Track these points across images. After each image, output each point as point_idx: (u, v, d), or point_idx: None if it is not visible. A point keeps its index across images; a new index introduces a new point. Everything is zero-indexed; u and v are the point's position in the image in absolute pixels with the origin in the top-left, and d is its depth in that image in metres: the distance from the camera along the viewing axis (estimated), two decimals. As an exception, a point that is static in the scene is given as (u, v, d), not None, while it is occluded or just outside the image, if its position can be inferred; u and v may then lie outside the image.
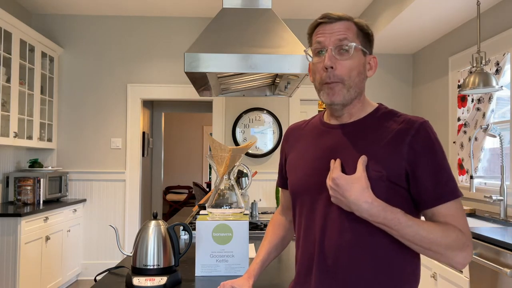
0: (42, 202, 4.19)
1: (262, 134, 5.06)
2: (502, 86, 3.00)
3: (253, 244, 2.13)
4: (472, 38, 3.85)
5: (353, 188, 1.04)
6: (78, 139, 4.96)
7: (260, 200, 4.03)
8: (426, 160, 1.08)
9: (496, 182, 3.43)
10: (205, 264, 1.57)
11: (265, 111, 5.05)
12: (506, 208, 3.03)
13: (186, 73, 2.34)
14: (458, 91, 3.48)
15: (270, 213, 3.28)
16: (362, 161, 1.08)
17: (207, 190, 7.88)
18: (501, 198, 3.01)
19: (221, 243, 1.58)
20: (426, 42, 4.68)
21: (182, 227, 2.13)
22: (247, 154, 4.98)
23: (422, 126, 1.10)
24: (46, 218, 3.91)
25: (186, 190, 9.45)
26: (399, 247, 1.09)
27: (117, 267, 1.66)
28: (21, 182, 4.13)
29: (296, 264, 1.24)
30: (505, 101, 3.43)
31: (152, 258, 1.43)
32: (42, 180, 4.20)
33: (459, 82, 3.97)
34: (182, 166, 9.78)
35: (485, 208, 3.50)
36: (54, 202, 4.32)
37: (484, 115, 3.47)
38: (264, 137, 5.05)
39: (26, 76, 4.22)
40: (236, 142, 5.00)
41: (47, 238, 3.92)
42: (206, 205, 1.65)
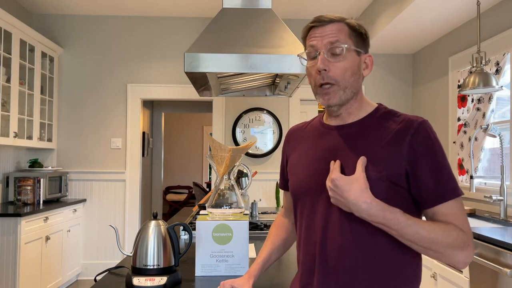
0: (42, 202, 4.19)
1: (262, 134, 5.06)
2: (502, 86, 3.00)
3: (253, 244, 2.13)
4: (472, 38, 3.85)
5: (352, 188, 1.05)
6: (78, 139, 4.96)
7: (260, 200, 4.04)
8: (426, 159, 1.08)
9: (496, 182, 3.44)
10: (205, 264, 1.57)
11: (265, 111, 5.05)
12: (506, 208, 3.03)
13: (186, 73, 2.34)
14: (458, 91, 3.48)
15: (270, 213, 3.28)
16: (362, 162, 1.08)
17: (207, 190, 7.89)
18: (501, 198, 3.01)
19: (221, 243, 1.58)
20: (426, 42, 4.68)
21: (182, 227, 2.13)
22: (247, 154, 4.98)
23: (421, 125, 1.10)
24: (46, 218, 3.91)
25: (186, 190, 9.45)
26: (400, 247, 1.09)
27: (117, 267, 1.66)
28: (21, 182, 4.13)
29: (298, 263, 1.25)
30: (505, 101, 3.43)
31: (152, 258, 1.43)
32: (42, 180, 4.20)
33: (459, 82, 3.97)
34: (182, 166, 9.79)
35: (485, 208, 3.50)
36: (54, 202, 4.32)
37: (484, 115, 3.47)
38: (264, 137, 5.05)
39: (26, 76, 4.22)
40: (236, 142, 5.00)
41: (47, 238, 3.92)
42: (206, 205, 1.65)
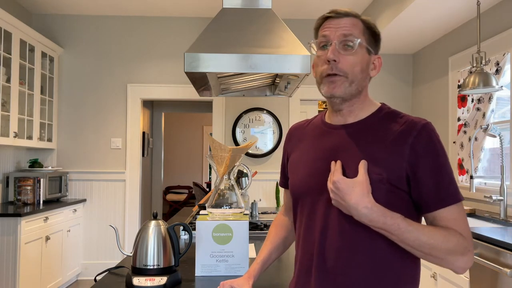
0: (42, 202, 4.19)
1: (262, 134, 5.06)
2: (502, 86, 3.00)
3: (253, 244, 2.13)
4: (472, 38, 3.85)
5: (353, 192, 1.03)
6: (78, 139, 4.96)
7: (260, 200, 4.04)
8: (427, 162, 1.06)
9: (496, 182, 3.44)
10: (205, 264, 1.57)
11: (265, 111, 5.05)
12: (506, 208, 3.03)
13: (186, 73, 2.34)
14: (458, 91, 3.48)
15: (270, 213, 3.28)
16: (364, 164, 1.07)
17: (207, 190, 7.88)
18: (501, 198, 3.01)
19: (221, 243, 1.58)
20: (426, 42, 4.68)
21: (182, 227, 2.13)
22: (247, 154, 4.98)
23: (424, 127, 1.08)
24: (46, 218, 3.91)
25: (186, 190, 9.45)
26: (399, 251, 1.08)
27: (117, 267, 1.66)
28: (21, 182, 4.13)
29: (295, 263, 1.24)
30: (505, 101, 3.43)
31: (152, 258, 1.43)
32: (42, 180, 4.20)
33: (459, 82, 3.97)
34: (182, 166, 9.79)
35: (485, 208, 3.50)
36: (54, 202, 4.32)
37: (484, 115, 3.47)
38: (264, 137, 5.05)
39: (26, 76, 4.22)
40: (236, 142, 5.00)
41: (47, 238, 3.92)
42: (206, 205, 1.65)
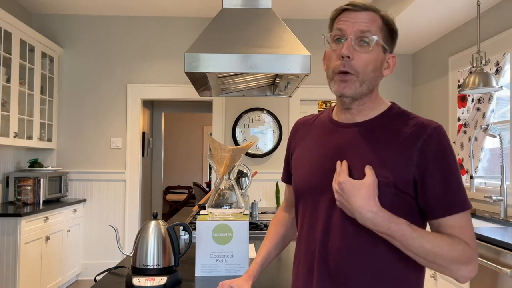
0: (42, 202, 4.19)
1: (262, 134, 5.06)
2: (502, 86, 3.00)
3: (253, 244, 2.13)
4: (472, 38, 3.85)
5: (359, 194, 1.00)
6: (78, 139, 4.96)
7: (260, 200, 4.04)
8: (436, 167, 1.02)
9: (496, 182, 3.43)
10: (205, 264, 1.57)
11: (265, 111, 5.05)
12: (506, 208, 3.03)
13: (186, 73, 2.34)
14: (458, 91, 3.48)
15: (270, 213, 3.28)
16: (371, 167, 1.03)
17: (207, 190, 7.89)
18: (501, 198, 3.01)
19: (221, 243, 1.58)
20: (426, 42, 4.68)
21: (182, 227, 2.13)
22: (247, 154, 4.98)
23: (435, 131, 1.04)
24: (46, 218, 3.91)
25: (186, 190, 9.45)
26: (403, 255, 1.04)
27: (117, 267, 1.66)
28: (21, 182, 4.13)
29: (295, 262, 1.22)
30: (505, 101, 3.43)
31: (152, 258, 1.43)
32: (42, 180, 4.20)
33: (459, 82, 3.97)
34: (182, 166, 9.79)
35: (485, 208, 3.50)
36: (54, 202, 4.32)
37: (484, 115, 3.47)
38: (264, 137, 5.05)
39: (26, 76, 4.22)
40: (236, 142, 5.00)
41: (47, 238, 3.92)
42: (206, 205, 1.65)
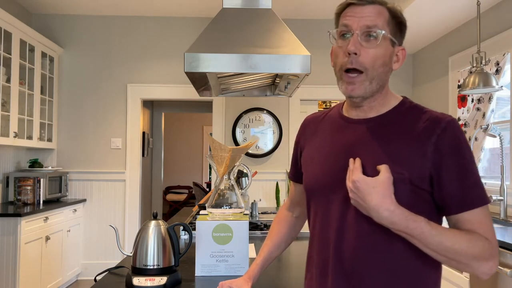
0: (42, 202, 4.19)
1: (262, 134, 5.06)
2: (502, 86, 3.00)
3: (253, 244, 2.13)
4: (472, 38, 3.85)
5: (374, 193, 0.96)
6: (78, 139, 4.96)
7: (260, 200, 4.03)
8: (452, 162, 0.99)
9: (496, 182, 3.43)
10: (205, 264, 1.57)
11: (265, 111, 5.05)
12: (506, 208, 3.03)
13: (186, 73, 2.33)
14: (458, 91, 3.48)
15: (270, 213, 3.28)
16: (386, 165, 1.00)
17: (207, 190, 7.88)
18: (501, 198, 3.01)
19: (221, 243, 1.58)
20: (426, 42, 4.68)
21: (182, 227, 2.13)
22: (247, 154, 4.98)
23: (449, 124, 1.02)
24: (46, 218, 3.91)
25: (186, 190, 9.45)
26: (420, 253, 1.01)
27: (117, 267, 1.66)
28: (21, 182, 4.13)
29: (309, 262, 1.19)
30: (505, 101, 3.43)
31: (152, 258, 1.43)
32: (42, 180, 4.20)
33: (459, 82, 3.97)
34: (182, 166, 9.78)
35: (485, 208, 3.50)
36: (54, 202, 4.32)
37: (484, 115, 3.47)
38: (264, 137, 5.05)
39: (26, 76, 4.22)
40: (236, 142, 5.00)
41: (47, 238, 3.92)
42: (206, 205, 1.65)
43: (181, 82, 4.99)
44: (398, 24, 1.08)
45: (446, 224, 1.06)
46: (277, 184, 4.95)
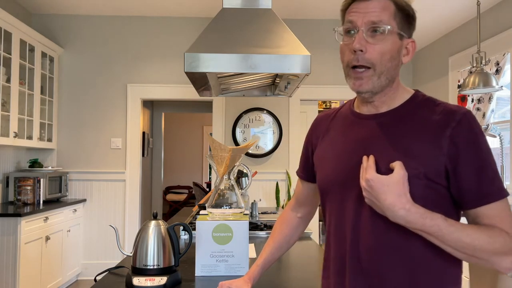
0: (42, 202, 4.19)
1: (262, 134, 5.06)
2: (502, 86, 3.00)
3: (253, 244, 2.13)
4: (472, 38, 3.85)
5: (389, 191, 0.94)
6: (78, 139, 4.96)
7: (260, 200, 4.04)
8: (468, 156, 0.97)
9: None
10: (205, 264, 1.57)
11: (265, 111, 5.05)
12: (506, 208, 3.03)
13: (186, 73, 2.34)
14: (458, 91, 3.48)
15: (270, 213, 3.28)
16: (400, 162, 0.98)
17: (207, 190, 7.89)
18: (501, 198, 3.01)
19: (221, 243, 1.58)
20: (426, 42, 4.68)
21: (182, 227, 2.13)
22: (247, 154, 4.98)
23: (464, 117, 0.99)
24: (46, 218, 3.91)
25: (186, 190, 9.45)
26: (441, 250, 0.99)
27: (117, 267, 1.66)
28: (21, 182, 4.13)
29: (325, 260, 1.18)
30: (505, 101, 3.43)
31: (152, 258, 1.43)
32: (42, 180, 4.20)
33: (459, 82, 3.97)
34: (182, 166, 9.78)
35: (485, 208, 3.50)
36: (54, 202, 4.32)
37: (484, 115, 3.47)
38: (264, 137, 5.05)
39: (26, 76, 4.22)
40: (236, 142, 5.00)
41: (47, 238, 3.92)
42: (206, 205, 1.65)
43: (181, 82, 4.99)
44: (405, 16, 1.06)
45: (464, 220, 1.03)
46: (277, 184, 4.95)
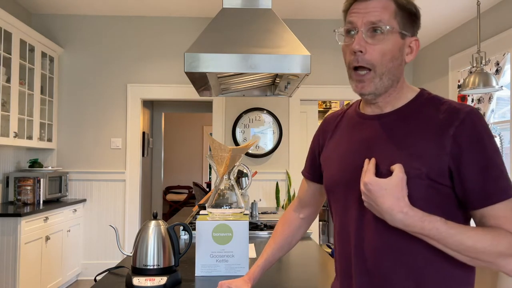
0: (42, 202, 4.19)
1: (262, 134, 5.06)
2: (502, 86, 3.00)
3: (253, 244, 2.13)
4: (472, 38, 3.85)
5: (386, 195, 0.94)
6: (78, 139, 4.96)
7: (260, 200, 4.04)
8: (472, 156, 0.95)
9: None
10: (205, 264, 1.57)
11: (265, 111, 5.05)
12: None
13: (186, 73, 2.34)
14: (458, 91, 3.48)
15: (270, 213, 3.28)
16: (400, 164, 0.97)
17: (207, 190, 7.89)
18: (501, 198, 3.01)
19: (221, 243, 1.58)
20: (426, 42, 4.68)
21: (182, 227, 2.13)
22: (247, 154, 4.98)
23: (468, 115, 0.96)
24: (46, 218, 3.91)
25: (186, 190, 9.45)
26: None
27: (117, 267, 1.66)
28: (21, 182, 4.13)
29: (335, 262, 1.18)
30: (505, 101, 3.43)
31: (152, 258, 1.43)
32: (42, 180, 4.20)
33: (459, 82, 3.97)
34: (182, 166, 9.78)
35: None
36: (54, 202, 4.32)
37: (484, 115, 3.47)
38: (264, 137, 5.05)
39: (26, 76, 4.22)
40: (236, 142, 4.99)
41: (47, 238, 3.92)
42: (206, 205, 1.65)
43: (181, 82, 4.99)
44: (407, 15, 1.04)
45: (472, 222, 1.02)
46: (277, 184, 4.96)
